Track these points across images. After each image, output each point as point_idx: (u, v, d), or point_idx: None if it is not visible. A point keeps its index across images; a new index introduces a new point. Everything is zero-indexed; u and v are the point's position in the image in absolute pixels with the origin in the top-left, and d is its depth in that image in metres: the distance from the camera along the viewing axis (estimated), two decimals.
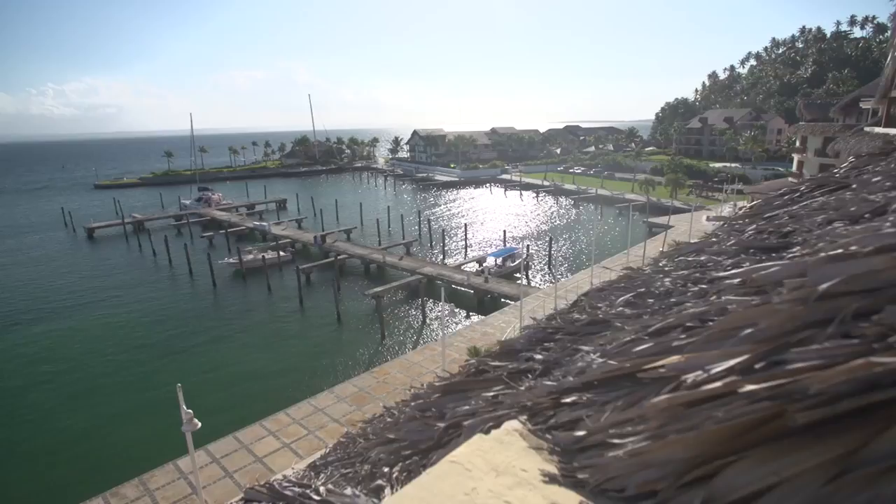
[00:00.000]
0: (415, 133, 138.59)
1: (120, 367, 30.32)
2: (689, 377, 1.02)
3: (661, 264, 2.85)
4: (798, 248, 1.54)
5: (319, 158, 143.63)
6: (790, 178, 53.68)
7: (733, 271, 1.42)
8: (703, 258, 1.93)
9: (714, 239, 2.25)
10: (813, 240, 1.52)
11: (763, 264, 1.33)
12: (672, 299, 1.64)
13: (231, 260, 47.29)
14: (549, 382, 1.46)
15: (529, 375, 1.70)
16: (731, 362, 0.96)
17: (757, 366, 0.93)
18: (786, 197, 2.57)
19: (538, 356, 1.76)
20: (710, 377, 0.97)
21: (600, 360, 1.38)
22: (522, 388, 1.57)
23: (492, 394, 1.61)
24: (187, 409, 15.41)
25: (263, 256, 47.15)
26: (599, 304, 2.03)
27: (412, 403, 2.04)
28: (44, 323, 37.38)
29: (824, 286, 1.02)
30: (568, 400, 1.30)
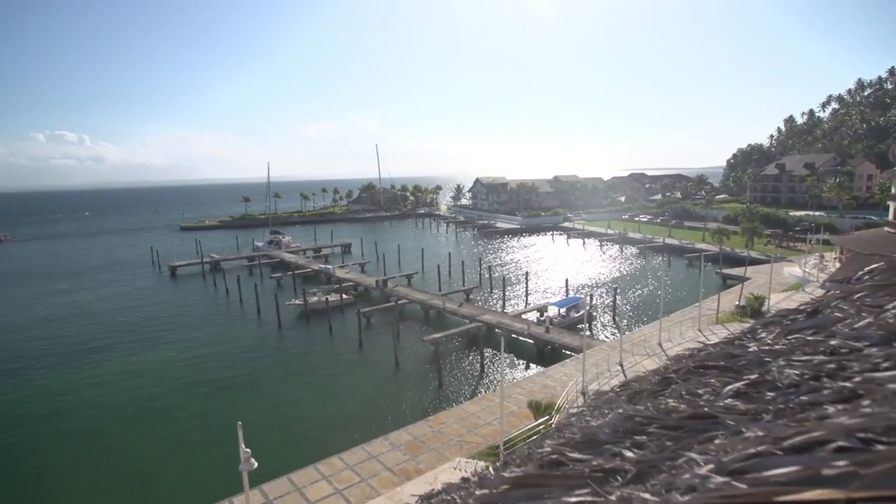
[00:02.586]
0: (477, 181, 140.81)
1: (185, 400, 31.60)
2: None
3: (764, 336, 2.47)
4: None
5: (384, 205, 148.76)
6: (886, 228, 48.99)
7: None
8: (834, 342, 1.60)
9: (839, 314, 1.89)
10: None
11: None
12: (803, 397, 1.33)
13: (297, 301, 48.97)
14: (648, 497, 1.19)
15: (619, 478, 1.42)
16: None
17: None
18: None
19: (628, 453, 1.48)
20: None
21: (718, 477, 1.10)
22: (613, 497, 1.29)
23: (574, 500, 1.35)
24: (245, 447, 15.60)
25: (327, 299, 48.48)
26: (699, 390, 1.72)
27: (476, 493, 1.80)
28: (122, 353, 39.96)
29: None
30: None
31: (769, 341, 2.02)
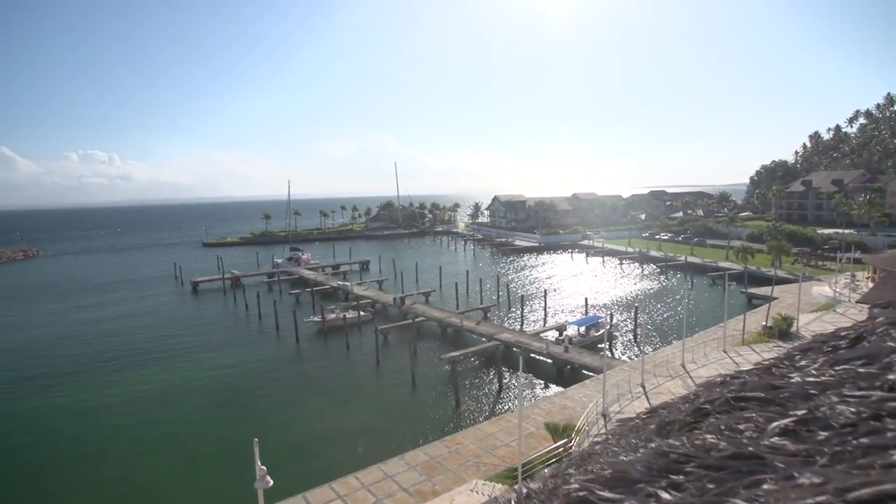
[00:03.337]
0: (495, 198, 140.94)
1: (202, 416, 31.73)
2: None
3: (804, 364, 2.31)
4: None
5: (402, 222, 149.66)
6: None
7: None
8: (892, 376, 1.45)
9: (891, 343, 1.74)
10: None
11: None
12: (863, 440, 1.19)
13: (315, 318, 49.18)
14: None
15: None
16: None
17: None
18: None
19: (665, 495, 1.35)
20: None
21: None
22: None
23: None
24: (261, 465, 15.50)
25: (344, 316, 48.63)
26: (740, 425, 1.57)
27: None
28: (140, 369, 40.41)
29: None
30: None
31: (814, 372, 1.87)
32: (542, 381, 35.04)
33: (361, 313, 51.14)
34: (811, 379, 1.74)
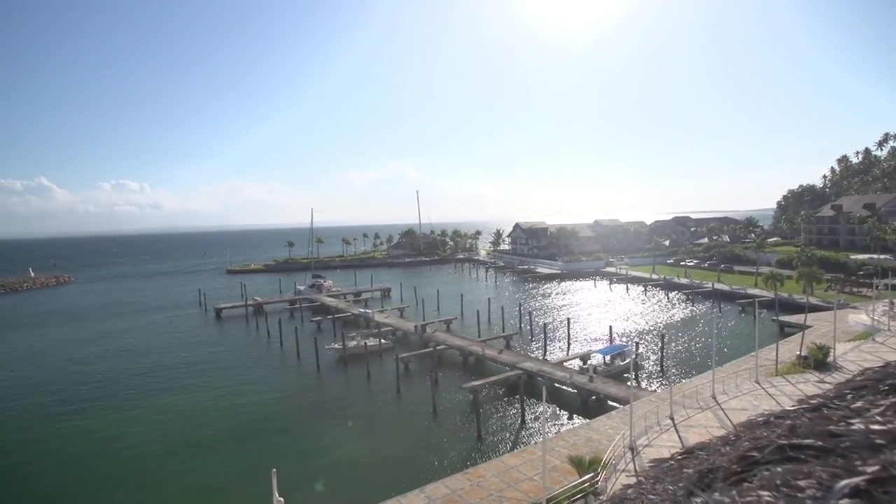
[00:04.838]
0: (516, 226, 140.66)
1: (220, 443, 31.61)
2: None
3: (861, 406, 2.09)
4: None
5: (424, 249, 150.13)
6: None
7: None
8: None
9: None
10: None
11: None
12: None
13: (336, 346, 49.13)
14: None
15: None
16: None
17: None
18: None
19: None
20: None
21: None
22: None
23: None
24: (279, 496, 15.24)
25: (365, 343, 48.48)
26: (798, 480, 1.38)
27: None
28: (161, 395, 40.69)
29: None
30: None
31: (878, 418, 1.66)
32: (566, 412, 34.07)
33: (382, 341, 50.92)
34: (877, 427, 1.54)
